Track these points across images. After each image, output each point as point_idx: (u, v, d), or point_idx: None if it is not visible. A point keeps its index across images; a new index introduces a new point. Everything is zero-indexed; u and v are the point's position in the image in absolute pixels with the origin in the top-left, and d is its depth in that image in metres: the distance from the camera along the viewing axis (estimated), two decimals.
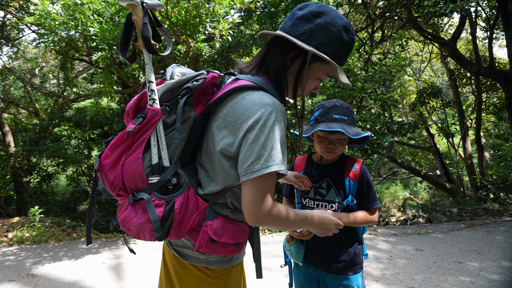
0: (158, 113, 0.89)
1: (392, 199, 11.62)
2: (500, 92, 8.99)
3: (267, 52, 0.98)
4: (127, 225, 0.88)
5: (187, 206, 0.89)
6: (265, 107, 0.85)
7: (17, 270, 3.37)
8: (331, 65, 0.96)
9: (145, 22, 0.92)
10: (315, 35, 0.91)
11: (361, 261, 1.38)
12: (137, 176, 0.88)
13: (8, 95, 10.65)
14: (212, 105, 0.93)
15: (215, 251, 0.93)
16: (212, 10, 4.12)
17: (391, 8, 5.76)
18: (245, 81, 0.93)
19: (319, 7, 0.92)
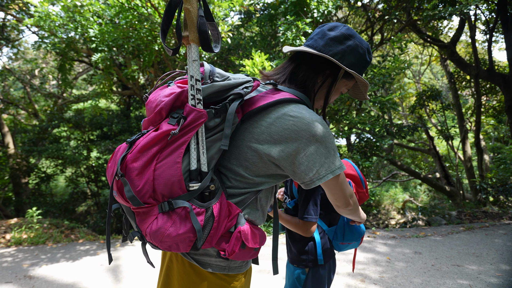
0: (203, 115, 0.82)
1: (392, 201, 11.61)
2: (499, 95, 9.00)
3: (297, 67, 1.01)
4: (160, 237, 0.80)
5: (221, 213, 0.86)
6: (315, 121, 0.89)
7: (15, 272, 3.35)
8: (351, 82, 1.07)
9: (201, 15, 0.84)
10: (346, 55, 0.98)
11: (308, 260, 1.41)
12: (175, 182, 0.81)
13: (7, 96, 10.66)
14: (253, 112, 0.91)
15: (242, 256, 0.92)
16: (211, 12, 4.13)
17: (391, 11, 5.78)
18: (288, 94, 0.94)
19: (348, 30, 1.00)
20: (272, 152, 0.88)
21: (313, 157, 0.87)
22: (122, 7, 4.16)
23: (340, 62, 0.98)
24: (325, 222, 1.47)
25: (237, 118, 0.88)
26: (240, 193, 0.93)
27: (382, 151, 5.52)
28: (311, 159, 0.87)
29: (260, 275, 3.11)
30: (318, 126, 0.88)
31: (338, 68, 1.01)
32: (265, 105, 0.90)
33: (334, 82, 1.02)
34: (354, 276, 3.05)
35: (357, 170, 1.47)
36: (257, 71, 4.28)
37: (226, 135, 0.84)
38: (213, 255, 0.94)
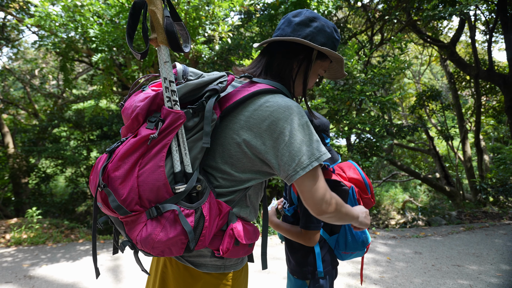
0: (181, 116, 0.81)
1: (392, 201, 11.61)
2: (499, 95, 9.01)
3: (271, 58, 1.01)
4: (151, 243, 0.78)
5: (211, 212, 0.84)
6: (292, 108, 0.88)
7: (15, 272, 3.35)
8: (326, 62, 1.07)
9: (167, 16, 0.82)
10: (316, 36, 0.99)
11: (308, 272, 1.33)
12: (161, 186, 0.79)
13: (7, 95, 10.65)
14: (231, 107, 0.90)
15: (236, 253, 0.92)
16: (211, 12, 4.13)
17: (391, 11, 5.79)
18: (264, 84, 0.94)
19: (312, 13, 1.02)
20: (254, 145, 0.88)
21: (294, 146, 0.85)
22: (122, 7, 4.16)
23: (313, 42, 0.98)
24: (326, 231, 1.37)
25: (215, 115, 0.87)
26: (228, 191, 0.92)
27: (382, 151, 5.52)
28: (292, 148, 0.84)
29: (260, 275, 3.11)
30: (295, 114, 0.87)
31: (311, 50, 1.01)
32: (242, 99, 0.90)
33: (309, 64, 1.02)
34: (354, 276, 3.05)
35: (361, 174, 1.39)
36: None
37: (207, 132, 0.83)
38: (207, 255, 0.94)
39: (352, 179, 1.37)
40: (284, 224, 1.36)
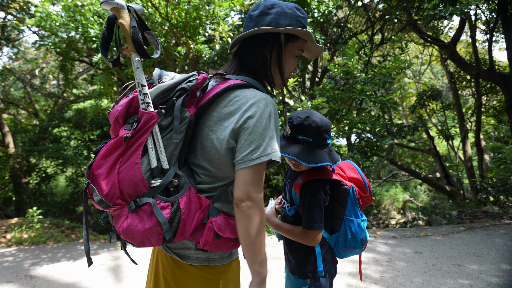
0: (154, 116, 0.88)
1: (392, 201, 11.61)
2: (500, 94, 9.00)
3: (243, 54, 1.05)
4: (131, 234, 0.85)
5: (190, 206, 0.89)
6: (260, 101, 0.93)
7: (15, 271, 3.36)
8: (300, 41, 1.06)
9: (134, 26, 0.90)
10: (279, 20, 1.00)
11: (309, 271, 1.33)
12: (138, 181, 0.86)
13: (8, 95, 10.66)
14: (205, 105, 0.96)
15: (219, 247, 0.95)
16: (212, 12, 4.13)
17: (391, 11, 5.78)
18: (235, 80, 0.98)
19: (269, 2, 1.04)
20: (223, 138, 0.93)
21: (251, 138, 0.90)
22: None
23: (277, 27, 1.00)
24: (326, 230, 1.37)
25: (188, 113, 0.92)
26: (210, 188, 0.97)
27: (383, 151, 5.52)
28: (249, 139, 0.90)
29: None
30: (261, 107, 0.92)
31: (278, 35, 1.02)
32: (214, 96, 0.95)
33: (280, 48, 1.03)
34: (355, 276, 3.06)
35: (360, 173, 1.40)
36: None
37: (176, 129, 0.89)
38: (191, 248, 0.98)
39: (351, 179, 1.37)
40: (285, 224, 1.34)
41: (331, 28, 6.34)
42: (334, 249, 1.37)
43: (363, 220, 1.34)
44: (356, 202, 1.33)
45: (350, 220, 1.31)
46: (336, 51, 6.36)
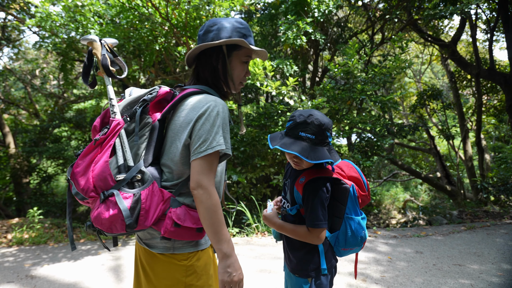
0: (119, 123, 1.09)
1: (392, 201, 11.60)
2: (500, 94, 8.98)
3: (197, 68, 1.25)
4: (99, 221, 1.01)
5: (152, 197, 1.05)
6: (209, 102, 1.10)
7: (16, 272, 3.36)
8: (245, 49, 1.23)
9: (103, 54, 1.18)
10: (220, 35, 1.19)
11: (311, 270, 1.33)
12: (107, 176, 1.04)
13: (8, 96, 10.67)
14: (166, 111, 1.15)
15: (180, 235, 1.09)
16: (212, 12, 4.13)
17: (391, 11, 5.77)
18: (191, 89, 1.18)
19: (211, 21, 1.23)
20: (182, 138, 1.10)
21: (200, 133, 1.06)
22: (123, 7, 4.17)
23: (218, 40, 1.18)
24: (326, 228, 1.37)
25: (150, 119, 1.12)
26: (173, 184, 1.12)
27: (383, 151, 5.51)
28: (199, 135, 1.06)
29: (261, 275, 3.11)
30: (210, 108, 1.09)
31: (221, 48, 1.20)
32: (174, 103, 1.14)
33: (225, 58, 1.21)
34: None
35: (359, 172, 1.41)
36: (258, 71, 4.28)
37: (136, 132, 1.10)
38: (157, 237, 1.13)
39: (351, 177, 1.38)
40: (288, 224, 1.35)
41: (331, 28, 6.34)
42: (334, 248, 1.38)
43: (363, 218, 1.35)
44: (356, 201, 1.34)
45: (351, 218, 1.32)
46: (336, 50, 6.36)
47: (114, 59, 1.24)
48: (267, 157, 5.09)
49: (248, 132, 4.89)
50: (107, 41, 1.23)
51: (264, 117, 4.99)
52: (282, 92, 4.45)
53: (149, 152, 1.11)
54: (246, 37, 1.22)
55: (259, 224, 4.65)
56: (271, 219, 1.40)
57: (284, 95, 4.50)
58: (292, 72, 4.81)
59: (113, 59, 1.23)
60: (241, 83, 1.28)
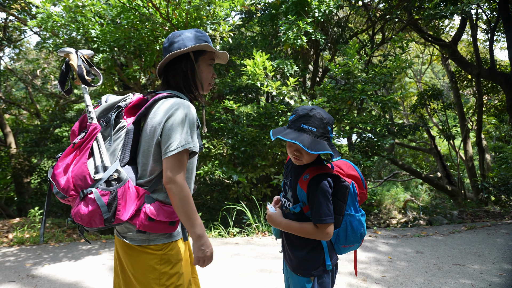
0: (96, 127, 1.20)
1: (393, 201, 11.59)
2: (501, 94, 8.98)
3: (167, 75, 1.36)
4: (79, 216, 1.10)
5: (128, 194, 1.14)
6: (177, 105, 1.21)
7: (17, 271, 3.37)
8: (209, 53, 1.38)
9: (79, 64, 1.29)
10: (186, 43, 1.31)
11: (313, 268, 1.34)
12: (86, 176, 1.13)
13: (9, 96, 10.69)
14: (140, 115, 1.26)
15: (154, 228, 1.20)
16: (212, 12, 4.13)
17: (392, 10, 5.77)
18: (161, 93, 1.30)
19: (175, 33, 1.35)
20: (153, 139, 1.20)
21: (170, 133, 1.17)
22: (123, 7, 4.17)
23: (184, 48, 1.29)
24: None
25: (125, 123, 1.24)
26: (147, 181, 1.23)
27: (383, 151, 5.51)
28: (169, 134, 1.17)
29: (262, 274, 3.12)
30: (179, 109, 1.19)
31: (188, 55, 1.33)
32: (146, 107, 1.26)
33: (192, 63, 1.34)
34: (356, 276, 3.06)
35: (357, 171, 1.44)
36: (258, 71, 4.28)
37: (110, 135, 1.22)
38: (133, 230, 1.23)
39: (350, 175, 1.40)
40: (295, 223, 1.34)
41: (331, 28, 6.34)
42: (335, 245, 1.39)
43: (363, 215, 1.37)
44: (356, 198, 1.36)
45: (351, 215, 1.34)
46: (336, 50, 6.36)
47: (89, 69, 1.35)
48: (268, 157, 5.09)
49: (248, 132, 4.90)
50: (83, 52, 1.35)
51: (264, 117, 4.99)
52: (283, 92, 4.45)
53: (125, 152, 1.23)
54: (207, 43, 1.35)
55: (259, 224, 4.65)
56: (277, 218, 1.39)
57: (284, 95, 4.50)
58: (293, 72, 4.82)
59: (88, 69, 1.34)
60: (210, 84, 1.42)
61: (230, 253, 3.72)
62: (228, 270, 3.23)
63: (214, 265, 3.35)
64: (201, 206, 6.53)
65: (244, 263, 3.41)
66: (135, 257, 1.25)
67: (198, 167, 5.11)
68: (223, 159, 5.23)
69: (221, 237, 4.53)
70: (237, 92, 6.13)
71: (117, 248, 1.35)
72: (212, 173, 4.74)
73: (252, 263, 3.39)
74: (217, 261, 3.47)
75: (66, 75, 1.34)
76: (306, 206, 1.32)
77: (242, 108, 6.58)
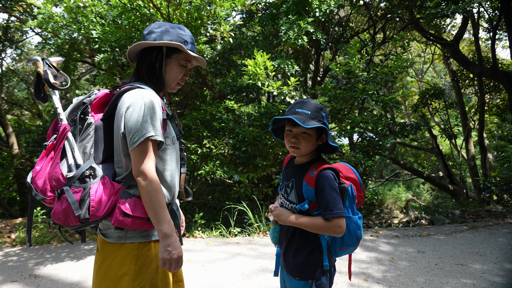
0: (65, 127, 1.20)
1: (395, 200, 11.57)
2: (503, 93, 8.94)
3: (138, 64, 1.35)
4: (56, 215, 1.11)
5: (103, 190, 1.14)
6: (137, 95, 1.19)
7: (20, 271, 3.39)
8: (185, 53, 1.34)
9: (45, 70, 1.31)
10: (162, 37, 1.30)
11: (312, 272, 1.33)
12: (59, 175, 1.14)
13: (11, 96, 10.73)
14: (107, 111, 1.24)
15: (130, 225, 1.16)
16: (213, 12, 4.13)
17: (393, 10, 5.76)
18: (125, 86, 1.28)
19: (158, 23, 1.34)
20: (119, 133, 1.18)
21: (131, 125, 1.15)
22: (124, 8, 4.18)
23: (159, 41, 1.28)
24: None
25: (92, 119, 1.22)
26: (123, 177, 1.22)
27: (385, 150, 5.50)
28: (130, 126, 1.15)
29: (263, 274, 3.12)
30: (138, 100, 1.17)
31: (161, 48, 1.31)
32: (112, 102, 1.23)
33: (162, 58, 1.31)
34: (357, 275, 3.06)
35: (356, 174, 1.44)
36: (259, 71, 4.28)
37: (79, 134, 1.22)
38: (111, 227, 1.21)
39: (349, 178, 1.41)
40: (305, 217, 1.31)
41: (332, 27, 6.33)
42: (331, 247, 1.38)
43: (360, 217, 1.36)
44: (353, 200, 1.36)
45: (348, 217, 1.33)
46: (337, 50, 6.35)
47: (56, 73, 1.36)
48: (269, 157, 5.09)
49: (249, 132, 4.90)
50: (51, 59, 1.37)
51: (265, 117, 4.99)
52: (284, 92, 4.45)
53: (98, 149, 1.21)
54: (186, 43, 1.33)
55: (260, 224, 4.65)
56: (286, 214, 1.35)
57: (285, 95, 4.50)
58: (294, 72, 4.81)
59: (55, 74, 1.35)
60: (178, 83, 1.39)
61: (231, 253, 3.72)
62: (230, 270, 3.23)
63: (215, 265, 3.36)
64: (203, 206, 6.53)
65: (245, 263, 3.42)
66: (110, 255, 1.21)
67: (199, 167, 5.11)
68: (224, 159, 5.23)
69: (222, 237, 4.53)
70: (238, 92, 6.12)
71: (97, 246, 1.33)
72: (213, 173, 4.74)
73: (253, 263, 3.39)
74: (218, 261, 3.48)
75: (39, 83, 1.34)
76: (313, 203, 1.31)
77: (243, 108, 6.58)
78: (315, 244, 1.35)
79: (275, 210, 1.41)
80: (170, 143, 1.30)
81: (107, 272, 1.21)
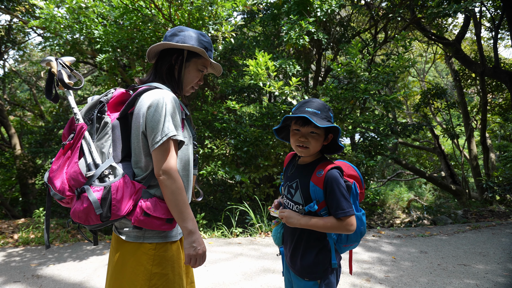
0: (82, 126, 1.21)
1: (397, 200, 11.53)
2: (505, 92, 8.91)
3: (157, 63, 1.36)
4: (76, 214, 1.11)
5: (124, 189, 1.14)
6: (157, 95, 1.19)
7: (23, 271, 3.40)
8: (203, 59, 1.37)
9: (59, 70, 1.31)
10: (185, 40, 1.32)
11: (321, 272, 1.33)
12: (78, 175, 1.14)
13: (14, 97, 10.78)
14: (124, 111, 1.24)
15: (150, 225, 1.17)
16: (214, 12, 4.14)
17: (394, 9, 5.74)
18: (143, 86, 1.27)
19: (179, 27, 1.37)
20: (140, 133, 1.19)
21: (153, 125, 1.15)
22: (126, 9, 4.19)
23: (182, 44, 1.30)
24: None
25: (108, 118, 1.22)
26: (143, 177, 1.22)
27: (387, 150, 5.48)
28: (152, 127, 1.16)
29: (264, 274, 3.12)
30: (159, 101, 1.17)
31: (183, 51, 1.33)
32: (129, 102, 1.23)
33: (183, 60, 1.34)
34: (360, 276, 3.05)
35: (357, 171, 1.45)
36: (261, 71, 4.28)
37: (96, 133, 1.22)
38: (130, 226, 1.21)
39: (350, 176, 1.42)
40: (317, 218, 1.30)
41: (334, 27, 6.32)
42: (337, 244, 1.39)
43: (363, 214, 1.38)
44: (357, 197, 1.37)
45: None
46: (339, 50, 6.34)
47: (71, 73, 1.36)
48: (270, 157, 5.09)
49: (251, 132, 4.90)
50: (64, 59, 1.37)
51: (267, 117, 4.99)
52: (285, 92, 4.44)
53: (116, 149, 1.21)
54: (207, 50, 1.36)
55: (262, 224, 4.65)
56: (296, 216, 1.33)
57: (287, 95, 4.49)
58: (295, 72, 4.81)
59: (69, 74, 1.35)
60: (193, 87, 1.41)
61: (233, 253, 3.72)
62: (232, 270, 3.23)
63: (217, 265, 3.36)
64: (204, 206, 6.54)
65: (247, 263, 3.41)
66: (127, 254, 1.21)
67: (201, 168, 5.12)
68: (226, 159, 5.23)
69: (224, 237, 4.53)
70: (240, 92, 6.13)
71: (112, 243, 1.31)
72: (215, 173, 4.74)
73: (255, 263, 3.39)
74: (220, 261, 3.48)
75: (51, 83, 1.35)
76: (321, 203, 1.30)
77: (244, 108, 6.58)
78: (323, 243, 1.35)
79: (284, 212, 1.38)
80: (188, 142, 1.32)
81: (122, 270, 1.20)
